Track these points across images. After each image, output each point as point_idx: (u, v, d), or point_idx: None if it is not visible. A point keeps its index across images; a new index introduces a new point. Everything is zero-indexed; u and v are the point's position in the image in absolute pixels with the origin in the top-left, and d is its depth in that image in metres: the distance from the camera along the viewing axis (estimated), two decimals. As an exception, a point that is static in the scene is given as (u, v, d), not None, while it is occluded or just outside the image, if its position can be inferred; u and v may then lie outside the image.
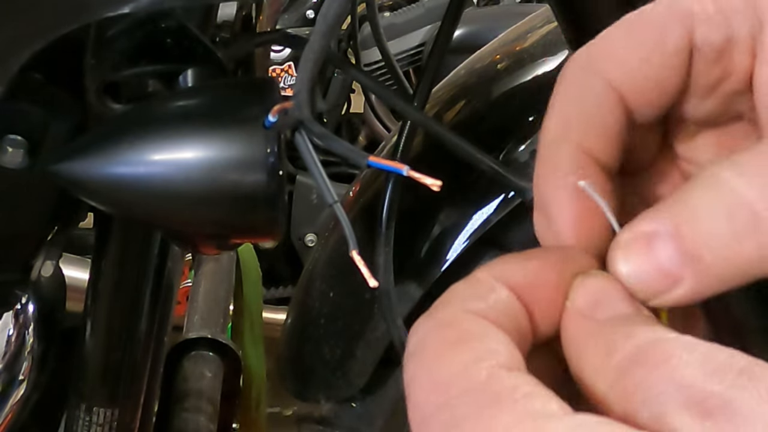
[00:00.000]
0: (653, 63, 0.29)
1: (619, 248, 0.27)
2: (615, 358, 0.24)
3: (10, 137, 0.49)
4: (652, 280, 0.26)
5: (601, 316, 0.26)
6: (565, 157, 0.29)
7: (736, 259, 0.25)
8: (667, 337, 0.24)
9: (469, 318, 0.25)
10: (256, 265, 1.47)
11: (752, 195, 0.25)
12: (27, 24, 0.43)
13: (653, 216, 0.27)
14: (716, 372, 0.22)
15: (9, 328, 0.59)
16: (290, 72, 2.07)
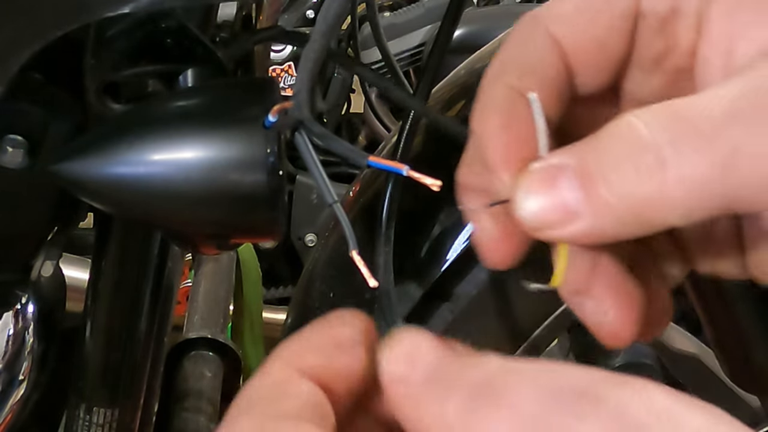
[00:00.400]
0: (598, 24, 0.30)
1: (525, 177, 0.27)
2: (449, 412, 0.23)
3: (10, 137, 0.49)
4: (549, 211, 0.26)
5: (419, 377, 0.25)
6: (497, 95, 0.29)
7: (634, 200, 0.25)
8: (490, 371, 0.23)
9: (279, 424, 0.24)
10: (256, 265, 1.47)
11: (658, 139, 0.24)
12: (27, 24, 0.43)
13: (564, 151, 0.27)
14: (554, 402, 0.21)
15: (9, 328, 0.59)
16: (290, 72, 2.07)
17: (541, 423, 0.21)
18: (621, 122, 0.25)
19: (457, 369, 0.24)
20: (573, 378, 0.22)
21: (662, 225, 0.25)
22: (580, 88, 0.31)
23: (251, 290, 1.41)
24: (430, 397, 0.24)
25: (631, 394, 0.21)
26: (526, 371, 0.22)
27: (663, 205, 0.25)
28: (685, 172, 0.24)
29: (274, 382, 0.25)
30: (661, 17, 0.30)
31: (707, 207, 0.25)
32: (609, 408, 0.20)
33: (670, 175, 0.24)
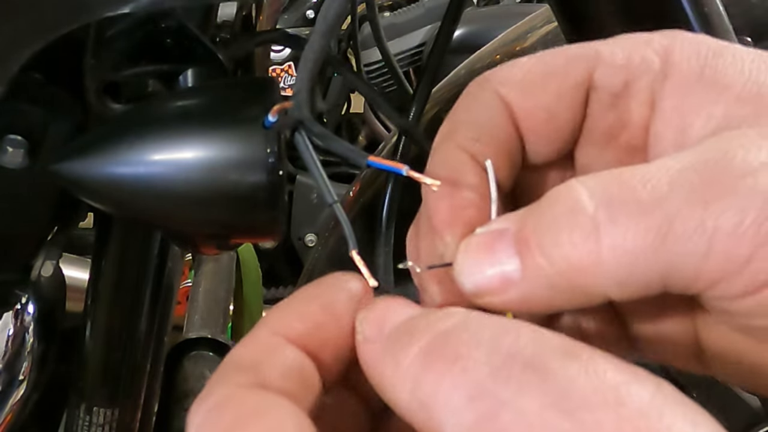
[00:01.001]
0: (547, 91, 0.29)
1: (466, 242, 0.27)
2: (404, 364, 0.23)
3: (10, 137, 0.49)
4: (487, 278, 0.26)
5: (386, 331, 0.25)
6: (446, 156, 0.29)
7: (566, 265, 0.24)
8: (451, 324, 0.23)
9: (248, 394, 0.23)
10: (256, 265, 1.47)
11: (595, 205, 0.24)
12: (27, 24, 0.43)
13: (507, 216, 0.27)
14: (502, 368, 0.21)
15: (9, 328, 0.59)
16: (290, 72, 2.07)
17: (484, 391, 0.21)
18: (563, 186, 0.25)
19: (419, 323, 0.24)
20: (527, 345, 0.21)
21: (597, 295, 0.25)
22: (532, 155, 0.30)
23: (251, 290, 1.41)
24: (390, 351, 0.24)
25: (578, 368, 0.20)
26: (483, 330, 0.22)
27: (595, 272, 0.24)
28: (617, 240, 0.23)
29: (257, 348, 0.25)
30: (614, 92, 0.29)
31: (641, 280, 0.24)
32: (553, 382, 0.20)
33: (603, 241, 0.24)
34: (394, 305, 0.26)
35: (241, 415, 0.23)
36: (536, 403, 0.20)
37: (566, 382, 0.20)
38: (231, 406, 0.23)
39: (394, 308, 0.25)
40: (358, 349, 0.25)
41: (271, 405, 0.23)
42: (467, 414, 0.21)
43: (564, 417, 0.20)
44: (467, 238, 0.27)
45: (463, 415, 0.21)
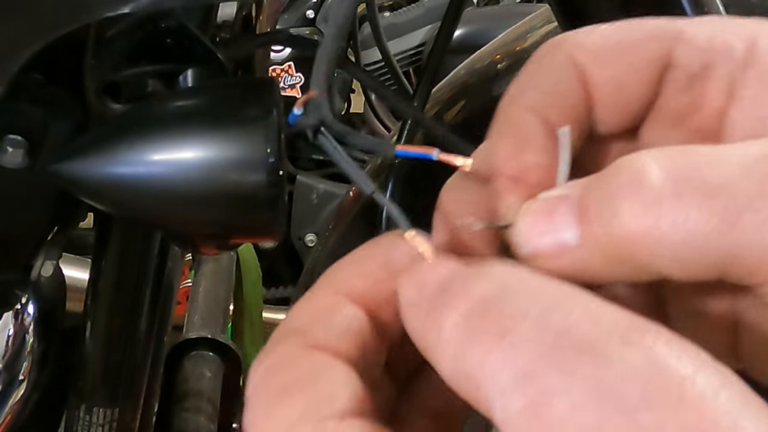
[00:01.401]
0: (622, 62, 0.29)
1: (528, 204, 0.26)
2: (445, 331, 0.22)
3: (10, 137, 0.49)
4: (543, 242, 0.25)
5: (428, 293, 0.24)
6: (514, 118, 0.28)
7: (623, 237, 0.23)
8: (501, 286, 0.22)
9: (307, 356, 0.24)
10: (256, 265, 1.47)
11: (662, 178, 0.23)
12: (27, 24, 0.43)
13: (571, 183, 0.26)
14: (554, 349, 0.20)
15: (9, 328, 0.59)
16: (290, 72, 2.07)
17: (534, 374, 0.20)
18: (631, 156, 0.24)
19: (455, 285, 0.23)
20: (580, 322, 0.20)
21: (651, 271, 0.24)
22: (597, 126, 0.30)
23: (251, 290, 1.41)
24: (431, 316, 0.23)
25: (638, 357, 0.19)
26: (527, 300, 0.21)
27: (652, 247, 0.23)
28: (680, 218, 0.23)
29: (319, 307, 0.25)
30: (691, 73, 0.28)
31: (699, 263, 0.23)
32: (611, 374, 0.19)
33: (665, 217, 0.23)
34: (434, 264, 0.25)
35: (294, 378, 0.23)
36: (592, 398, 0.19)
37: (625, 374, 0.19)
38: (286, 368, 0.24)
39: (433, 267, 0.25)
40: (402, 314, 0.25)
41: (330, 371, 0.23)
42: (517, 397, 0.20)
43: (622, 417, 0.19)
44: (529, 201, 0.26)
45: (513, 397, 0.20)
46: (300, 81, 2.07)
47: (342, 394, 0.23)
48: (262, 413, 0.23)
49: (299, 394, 0.23)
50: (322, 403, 0.23)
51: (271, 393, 0.23)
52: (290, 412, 0.22)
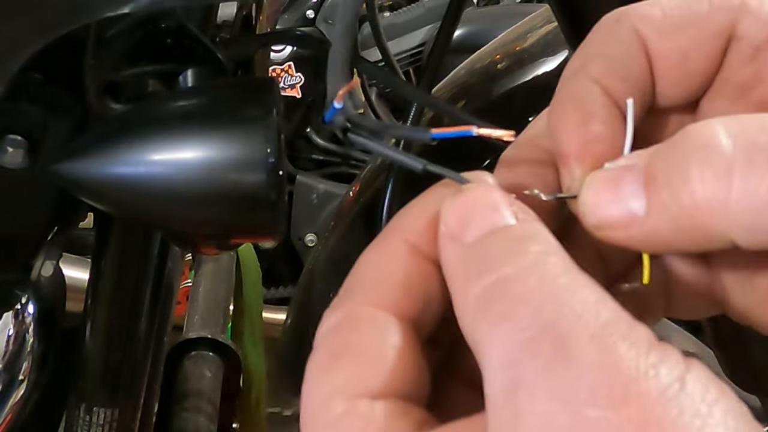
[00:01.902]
0: (686, 34, 0.28)
1: (594, 175, 0.26)
2: (470, 294, 0.23)
3: (10, 137, 0.49)
4: (610, 211, 0.25)
5: (469, 237, 0.24)
6: (577, 89, 0.28)
7: (693, 205, 0.23)
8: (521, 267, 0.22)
9: (370, 317, 0.24)
10: (256, 265, 1.47)
11: (733, 147, 0.23)
12: (27, 24, 0.43)
13: (637, 153, 0.26)
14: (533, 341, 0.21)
15: (9, 328, 0.59)
16: (290, 72, 2.07)
17: (513, 361, 0.21)
18: (700, 124, 0.24)
19: (495, 250, 0.23)
20: (565, 317, 0.21)
21: (720, 239, 0.24)
22: (659, 98, 0.30)
23: (251, 290, 1.41)
24: (465, 269, 0.24)
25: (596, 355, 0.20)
26: (538, 287, 0.22)
27: (722, 215, 0.23)
28: (751, 185, 0.22)
29: (388, 259, 0.26)
30: (756, 44, 0.28)
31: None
32: (569, 369, 0.20)
33: (736, 184, 0.23)
34: (484, 200, 0.25)
35: (346, 343, 0.24)
36: (549, 392, 0.20)
37: (580, 371, 0.20)
38: (347, 328, 0.24)
39: (483, 206, 0.25)
40: (440, 238, 0.25)
41: (384, 334, 0.24)
42: (499, 379, 0.21)
43: (570, 412, 0.19)
44: (594, 171, 0.26)
45: (496, 378, 0.21)
46: (300, 81, 2.07)
47: (387, 368, 0.23)
48: (315, 372, 0.24)
49: (348, 362, 0.24)
50: (361, 379, 0.23)
51: (327, 352, 0.24)
52: (334, 380, 0.23)
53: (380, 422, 0.23)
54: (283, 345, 1.13)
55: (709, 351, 0.97)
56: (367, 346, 0.24)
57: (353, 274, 0.26)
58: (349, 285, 0.26)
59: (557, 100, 0.29)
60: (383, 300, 0.25)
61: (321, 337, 0.25)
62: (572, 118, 0.28)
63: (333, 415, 0.23)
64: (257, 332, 1.34)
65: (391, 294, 0.25)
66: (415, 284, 0.25)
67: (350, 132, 0.30)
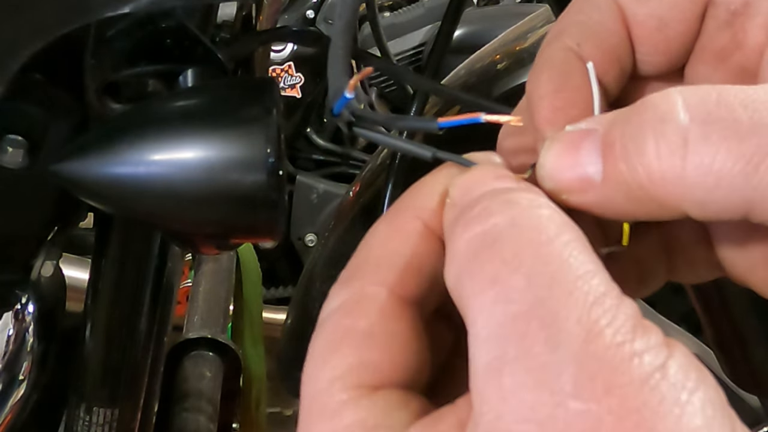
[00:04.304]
0: (665, 0, 0.28)
1: (553, 138, 0.26)
2: (460, 240, 0.23)
3: (10, 137, 0.49)
4: (568, 176, 0.25)
5: (464, 201, 0.24)
6: (553, 57, 0.28)
7: (647, 176, 0.23)
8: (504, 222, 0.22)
9: (375, 299, 0.24)
10: (256, 265, 1.47)
11: (689, 119, 0.23)
12: (27, 24, 0.43)
13: (598, 117, 0.26)
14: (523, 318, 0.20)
15: (9, 328, 0.59)
16: (290, 72, 2.07)
17: (499, 336, 0.21)
18: (660, 93, 0.24)
19: (490, 202, 0.23)
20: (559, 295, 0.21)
21: (675, 211, 0.24)
22: (641, 65, 0.30)
23: (251, 290, 1.41)
24: (454, 222, 0.24)
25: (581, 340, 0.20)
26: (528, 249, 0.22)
27: (676, 189, 0.23)
28: (705, 160, 0.22)
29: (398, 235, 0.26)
30: (732, 9, 0.28)
31: (723, 204, 0.23)
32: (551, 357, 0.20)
33: (690, 158, 0.23)
34: (488, 173, 0.25)
35: (355, 326, 0.24)
36: (533, 378, 0.20)
37: (564, 360, 0.20)
38: (352, 311, 0.24)
39: (486, 177, 0.25)
40: (444, 210, 0.25)
41: (388, 319, 0.24)
42: (483, 353, 0.21)
43: (553, 402, 0.20)
44: (554, 134, 0.26)
45: (481, 350, 0.21)
46: (300, 81, 2.07)
47: (386, 360, 0.23)
48: (317, 355, 0.24)
49: (351, 348, 0.24)
50: (363, 368, 0.23)
51: (331, 335, 0.24)
52: (337, 366, 0.23)
53: (380, 414, 0.23)
54: (283, 345, 1.13)
55: (709, 351, 0.97)
56: (371, 331, 0.24)
57: (362, 250, 0.26)
58: (357, 262, 0.26)
59: (534, 67, 0.29)
60: (390, 279, 0.25)
61: (326, 316, 0.25)
62: (546, 84, 0.28)
63: (335, 402, 0.23)
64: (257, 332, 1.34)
65: (399, 273, 0.25)
66: (424, 264, 0.25)
67: (355, 125, 0.30)
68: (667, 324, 1.43)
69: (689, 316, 1.41)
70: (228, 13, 0.63)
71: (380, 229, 0.26)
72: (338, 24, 0.33)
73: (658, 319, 1.43)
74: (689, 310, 0.84)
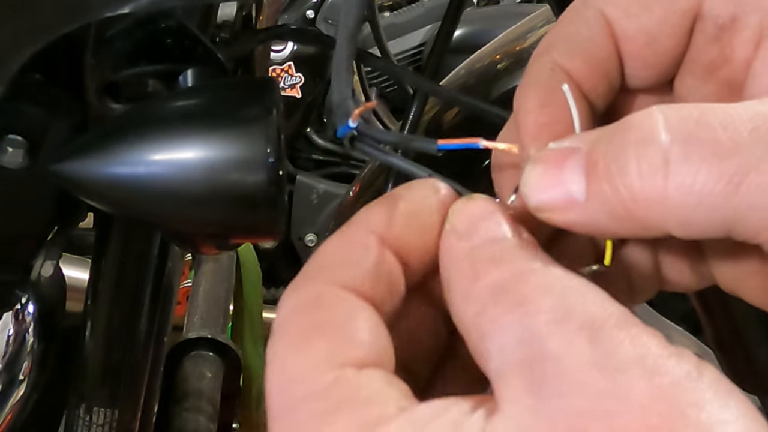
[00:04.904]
0: (652, 15, 0.29)
1: (536, 156, 0.26)
2: (479, 285, 0.23)
3: (10, 137, 0.49)
4: (551, 194, 0.25)
5: (476, 239, 0.25)
6: (539, 72, 0.29)
7: (629, 196, 0.24)
8: (533, 268, 0.23)
9: (337, 296, 0.24)
10: (256, 265, 1.47)
11: (670, 138, 0.23)
12: (27, 24, 0.43)
13: (583, 134, 0.26)
14: (561, 323, 0.21)
15: (9, 328, 0.59)
16: (290, 72, 2.07)
17: (536, 338, 0.21)
18: (642, 113, 0.24)
19: (508, 253, 0.24)
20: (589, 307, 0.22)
21: (658, 230, 0.24)
22: (630, 79, 0.30)
23: (251, 290, 1.41)
24: (472, 262, 0.24)
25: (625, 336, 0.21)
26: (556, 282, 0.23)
27: (658, 208, 0.23)
28: (686, 180, 0.23)
29: (352, 246, 0.26)
30: (720, 23, 0.28)
31: (704, 223, 0.23)
32: (600, 344, 0.20)
33: (671, 178, 0.23)
34: (490, 210, 0.26)
35: (321, 319, 0.24)
36: (580, 360, 0.20)
37: (612, 346, 0.20)
38: (315, 306, 0.24)
39: (490, 215, 0.26)
40: (443, 236, 0.26)
41: (357, 315, 0.24)
42: (513, 354, 0.21)
43: (602, 376, 0.20)
44: (538, 152, 0.26)
45: (509, 355, 0.21)
46: (300, 81, 2.07)
47: (365, 341, 0.23)
48: (287, 349, 0.23)
49: (325, 336, 0.23)
50: (345, 349, 0.23)
51: (298, 330, 0.24)
52: (315, 353, 0.23)
53: (372, 389, 0.22)
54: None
55: (709, 351, 0.97)
56: (341, 323, 0.24)
57: (314, 260, 0.26)
58: (309, 269, 0.25)
59: (522, 82, 0.29)
60: (349, 283, 0.25)
61: (285, 318, 0.24)
62: (532, 99, 0.28)
63: (322, 384, 0.22)
64: (257, 332, 1.34)
65: (358, 277, 0.25)
66: (382, 271, 0.25)
67: (357, 141, 0.30)
68: (667, 324, 1.43)
69: (689, 316, 1.41)
70: (228, 13, 0.63)
71: (334, 241, 0.26)
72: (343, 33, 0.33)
73: (657, 319, 1.43)
74: (689, 310, 0.83)
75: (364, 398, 0.22)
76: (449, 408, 0.22)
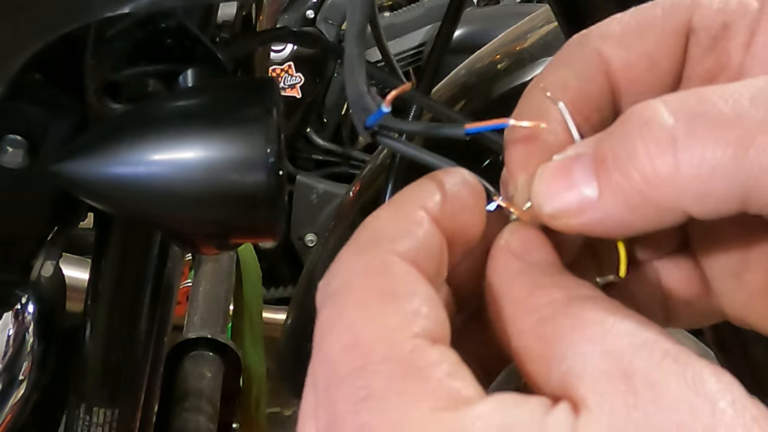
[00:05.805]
0: (648, 40, 0.29)
1: (543, 167, 0.27)
2: (541, 300, 0.24)
3: (10, 137, 0.49)
4: (565, 199, 0.26)
5: (531, 260, 0.26)
6: (530, 103, 0.29)
7: (643, 180, 0.24)
8: (596, 295, 0.24)
9: (399, 266, 0.24)
10: (256, 265, 1.47)
11: (674, 119, 0.24)
12: (27, 24, 0.43)
13: (583, 141, 0.27)
14: (644, 347, 0.22)
15: (9, 328, 0.59)
16: (290, 72, 2.07)
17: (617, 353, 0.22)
18: (642, 105, 0.25)
19: (564, 280, 0.25)
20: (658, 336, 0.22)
21: (675, 212, 0.24)
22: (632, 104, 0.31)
23: (251, 290, 1.41)
24: (529, 280, 0.25)
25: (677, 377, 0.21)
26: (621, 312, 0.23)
27: (672, 186, 0.24)
28: (696, 153, 0.23)
29: (405, 221, 0.26)
30: (713, 34, 0.29)
31: (720, 195, 0.23)
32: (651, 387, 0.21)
33: (681, 154, 0.23)
34: (545, 244, 0.27)
35: (391, 288, 0.24)
36: (674, 380, 0.21)
37: (699, 372, 0.21)
38: (384, 274, 0.24)
39: (545, 246, 0.27)
40: (495, 249, 0.27)
41: (419, 289, 0.24)
42: (599, 363, 0.22)
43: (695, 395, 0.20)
44: (543, 164, 0.27)
45: (593, 363, 0.22)
46: (300, 81, 2.07)
47: (430, 317, 0.23)
48: (356, 312, 0.23)
49: (395, 306, 0.23)
50: (416, 320, 0.23)
51: (366, 295, 0.23)
52: (389, 320, 0.23)
53: (450, 365, 0.22)
54: (283, 345, 1.13)
55: (709, 351, 0.97)
56: (408, 294, 0.23)
57: (368, 229, 0.26)
58: (365, 237, 0.25)
59: (513, 115, 0.30)
60: (408, 255, 0.25)
61: (349, 281, 0.24)
62: (521, 131, 0.29)
63: (401, 350, 0.22)
64: (257, 332, 1.34)
65: (414, 250, 0.25)
66: (433, 247, 0.25)
67: (379, 134, 0.30)
68: (667, 324, 1.42)
69: (689, 316, 1.40)
70: (228, 13, 0.63)
71: (387, 212, 0.26)
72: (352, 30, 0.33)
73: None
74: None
75: (445, 373, 0.22)
76: (526, 400, 0.22)
